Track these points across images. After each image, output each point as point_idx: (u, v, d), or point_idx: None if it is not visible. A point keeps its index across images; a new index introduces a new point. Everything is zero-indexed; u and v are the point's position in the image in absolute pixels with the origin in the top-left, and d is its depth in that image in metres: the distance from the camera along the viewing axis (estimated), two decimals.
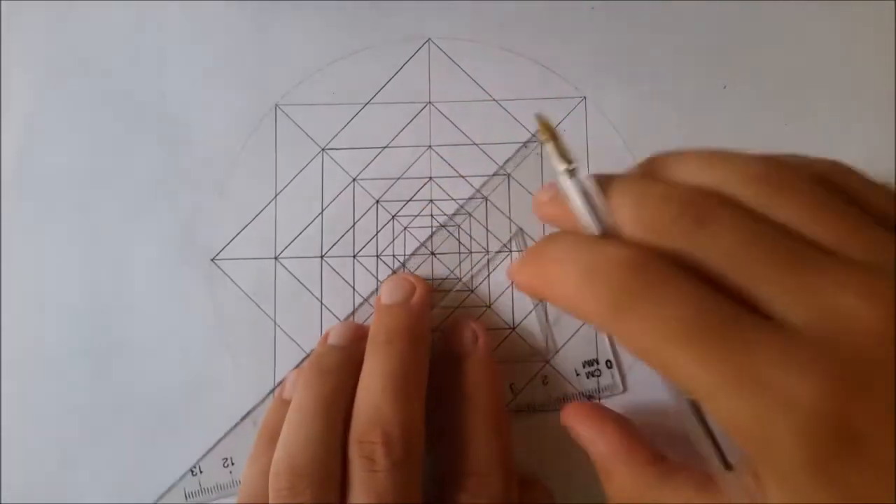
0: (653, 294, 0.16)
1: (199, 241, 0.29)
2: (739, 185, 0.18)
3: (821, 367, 0.15)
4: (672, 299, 0.16)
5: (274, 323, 0.29)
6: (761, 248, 0.17)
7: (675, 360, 0.16)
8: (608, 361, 0.28)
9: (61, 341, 0.29)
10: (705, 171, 0.19)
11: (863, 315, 0.15)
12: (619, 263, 0.17)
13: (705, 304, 0.16)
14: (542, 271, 0.19)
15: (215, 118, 0.30)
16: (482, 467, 0.25)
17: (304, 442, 0.24)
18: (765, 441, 0.15)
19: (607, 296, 0.17)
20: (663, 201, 0.18)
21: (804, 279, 0.16)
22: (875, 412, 0.15)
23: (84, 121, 0.30)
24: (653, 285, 0.17)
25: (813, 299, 0.16)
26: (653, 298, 0.16)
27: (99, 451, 0.28)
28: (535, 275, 0.20)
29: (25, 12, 0.30)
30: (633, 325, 0.17)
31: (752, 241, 0.17)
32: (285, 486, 0.23)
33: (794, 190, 0.18)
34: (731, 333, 0.16)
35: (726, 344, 0.16)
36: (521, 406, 0.28)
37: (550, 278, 0.19)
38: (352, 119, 0.30)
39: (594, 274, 0.17)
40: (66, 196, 0.30)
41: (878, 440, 0.15)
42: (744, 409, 0.15)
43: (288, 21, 0.30)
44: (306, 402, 0.25)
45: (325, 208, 0.29)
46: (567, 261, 0.18)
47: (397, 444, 0.23)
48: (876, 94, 0.29)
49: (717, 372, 0.15)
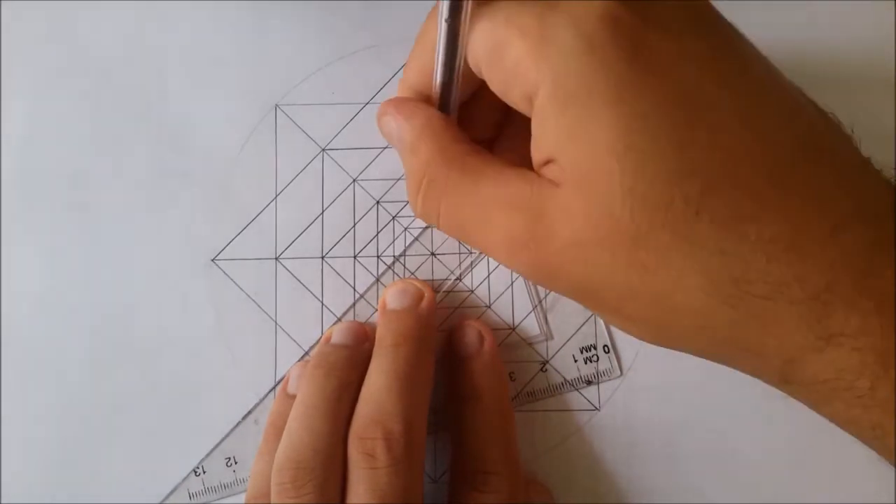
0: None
1: (199, 241, 0.29)
2: None
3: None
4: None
5: (275, 323, 0.29)
6: None
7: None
8: (605, 346, 0.29)
9: (61, 341, 0.29)
10: None
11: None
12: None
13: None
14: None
15: (215, 118, 0.30)
16: (491, 466, 0.25)
17: (308, 437, 0.24)
18: (545, 40, 0.17)
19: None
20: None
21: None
22: (653, 19, 0.17)
23: (84, 121, 0.30)
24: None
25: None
26: None
27: (99, 451, 0.28)
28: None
29: (25, 12, 0.30)
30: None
31: None
32: (288, 480, 0.23)
33: None
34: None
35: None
36: (521, 394, 0.28)
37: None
38: (352, 119, 0.30)
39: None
40: (67, 196, 0.29)
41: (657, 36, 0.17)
42: (529, 14, 0.17)
43: (288, 21, 0.30)
44: (310, 398, 0.25)
45: (325, 209, 0.29)
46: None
47: (399, 442, 0.23)
48: (876, 93, 0.29)
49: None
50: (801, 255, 0.16)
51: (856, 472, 0.27)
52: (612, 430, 0.28)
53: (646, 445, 0.28)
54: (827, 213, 0.16)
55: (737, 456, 0.28)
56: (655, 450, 0.28)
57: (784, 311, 0.16)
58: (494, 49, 0.18)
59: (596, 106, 0.17)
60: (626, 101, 0.17)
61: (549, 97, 0.17)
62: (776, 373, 0.18)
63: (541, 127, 0.18)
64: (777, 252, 0.16)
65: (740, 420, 0.28)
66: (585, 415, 0.28)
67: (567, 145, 0.17)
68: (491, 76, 0.19)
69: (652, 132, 0.16)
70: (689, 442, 0.28)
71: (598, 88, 0.17)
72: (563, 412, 0.29)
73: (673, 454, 0.28)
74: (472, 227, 0.20)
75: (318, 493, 0.23)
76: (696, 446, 0.28)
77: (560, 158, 0.17)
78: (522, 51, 0.18)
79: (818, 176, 0.17)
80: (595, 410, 0.28)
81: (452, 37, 0.19)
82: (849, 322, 0.16)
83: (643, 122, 0.16)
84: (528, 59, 0.17)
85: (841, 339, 0.16)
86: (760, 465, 0.28)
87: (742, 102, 0.17)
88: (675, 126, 0.16)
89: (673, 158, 0.16)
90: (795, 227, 0.16)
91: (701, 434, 0.28)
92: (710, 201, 0.16)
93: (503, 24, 0.18)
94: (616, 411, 0.28)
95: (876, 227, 0.16)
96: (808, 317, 0.16)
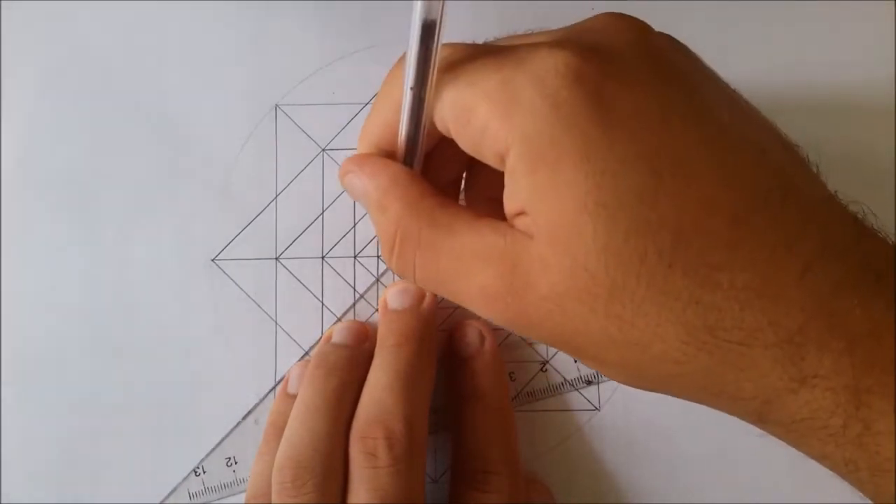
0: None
1: (199, 242, 0.29)
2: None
3: (565, 48, 0.18)
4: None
5: (275, 323, 0.29)
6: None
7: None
8: None
9: (61, 341, 0.29)
10: None
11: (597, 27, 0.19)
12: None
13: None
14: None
15: (215, 118, 0.30)
16: (492, 465, 0.25)
17: (308, 437, 0.24)
18: (510, 102, 0.17)
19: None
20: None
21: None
22: (613, 72, 0.17)
23: (84, 121, 0.30)
24: None
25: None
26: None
27: (100, 451, 0.28)
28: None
29: (25, 12, 0.30)
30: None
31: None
32: (288, 479, 0.23)
33: None
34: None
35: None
36: (521, 394, 0.28)
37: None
38: (352, 119, 0.30)
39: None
40: (66, 196, 0.29)
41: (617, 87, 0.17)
42: (493, 78, 0.18)
43: (288, 21, 0.30)
44: (311, 397, 0.25)
45: (325, 209, 0.29)
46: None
47: (400, 441, 0.23)
48: (876, 94, 0.29)
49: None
50: (773, 300, 0.16)
51: None
52: (612, 430, 0.28)
53: (646, 445, 0.28)
54: (796, 256, 0.16)
55: (737, 456, 0.28)
56: (655, 450, 0.28)
57: (759, 356, 0.16)
58: (461, 113, 0.19)
59: (564, 165, 0.17)
60: (593, 159, 0.17)
61: (519, 157, 0.17)
62: (753, 413, 0.18)
63: (513, 183, 0.18)
64: (749, 299, 0.16)
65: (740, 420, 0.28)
66: (585, 415, 0.28)
67: (539, 203, 0.17)
68: (460, 137, 0.19)
69: (620, 188, 0.17)
70: (688, 442, 0.28)
71: (565, 147, 0.17)
72: (563, 412, 0.29)
73: (673, 454, 0.28)
74: (447, 280, 0.20)
75: (318, 493, 0.23)
76: (696, 446, 0.28)
77: (533, 214, 0.18)
78: (489, 114, 0.18)
79: (785, 217, 0.17)
80: (595, 410, 0.28)
81: (418, 103, 0.19)
82: (822, 363, 0.16)
83: (611, 179, 0.17)
84: (496, 122, 0.18)
85: (815, 381, 0.16)
86: (760, 465, 0.28)
87: (708, 149, 0.17)
88: (643, 179, 0.17)
89: (642, 212, 0.16)
90: (765, 274, 0.16)
91: (701, 434, 0.28)
92: (681, 252, 0.16)
93: (468, 89, 0.18)
94: (616, 411, 0.28)
95: (842, 265, 0.17)
96: (783, 359, 0.16)
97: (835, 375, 0.16)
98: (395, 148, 0.21)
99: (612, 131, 0.17)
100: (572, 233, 0.17)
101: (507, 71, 0.18)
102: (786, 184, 0.17)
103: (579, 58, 0.17)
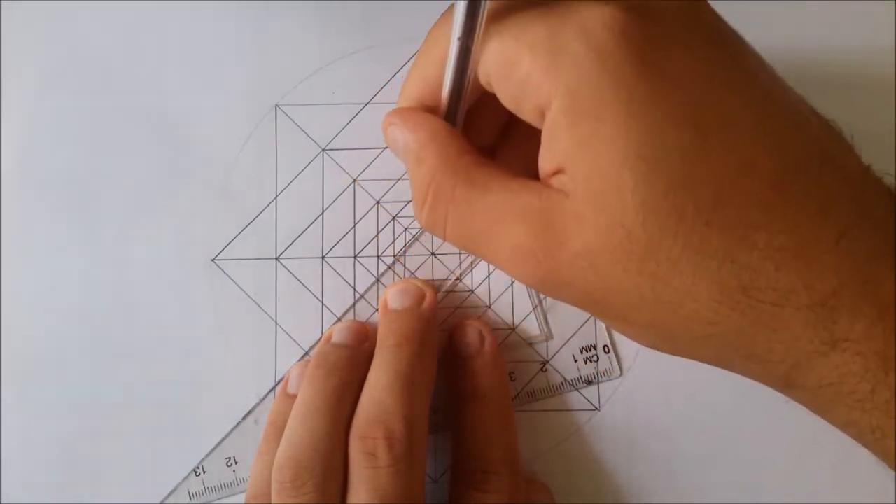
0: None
1: (199, 242, 0.29)
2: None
3: (613, 2, 0.17)
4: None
5: (275, 323, 0.29)
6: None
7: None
8: (605, 346, 0.29)
9: (61, 341, 0.29)
10: None
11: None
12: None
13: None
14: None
15: (215, 118, 0.30)
16: (492, 465, 0.25)
17: (308, 437, 0.24)
18: (555, 54, 0.17)
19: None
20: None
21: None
22: (661, 31, 0.17)
23: (84, 121, 0.30)
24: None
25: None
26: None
27: (100, 451, 0.28)
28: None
29: (25, 12, 0.30)
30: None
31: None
32: (288, 479, 0.23)
33: None
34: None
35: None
36: (521, 394, 0.28)
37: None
38: (352, 119, 0.30)
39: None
40: (66, 196, 0.29)
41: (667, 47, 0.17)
42: (539, 29, 0.18)
43: (288, 21, 0.30)
44: (310, 397, 0.25)
45: (325, 209, 0.29)
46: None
47: (400, 441, 0.23)
48: (876, 94, 0.29)
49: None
50: (808, 262, 0.16)
51: (856, 472, 0.27)
52: (612, 430, 0.28)
53: (646, 445, 0.28)
54: (832, 222, 0.17)
55: (737, 456, 0.28)
56: (655, 450, 0.28)
57: (791, 317, 0.17)
58: (505, 65, 0.18)
59: (609, 118, 0.17)
60: (638, 114, 0.17)
61: (561, 110, 0.17)
62: (780, 378, 0.18)
63: (553, 138, 0.18)
64: (785, 259, 0.16)
65: (740, 420, 0.28)
66: (585, 415, 0.28)
67: (579, 157, 0.17)
68: (501, 90, 0.19)
69: (664, 144, 0.17)
70: (689, 442, 0.28)
71: (610, 101, 0.17)
72: (563, 412, 0.29)
73: (673, 454, 0.28)
74: (479, 239, 0.20)
75: (317, 493, 0.23)
76: (696, 446, 0.28)
77: (572, 169, 0.18)
78: (533, 66, 0.18)
79: (824, 184, 0.17)
80: (595, 410, 0.28)
81: (464, 55, 0.19)
82: (853, 328, 0.16)
83: (655, 134, 0.17)
84: (539, 74, 0.18)
85: (845, 345, 0.16)
86: (760, 465, 0.28)
87: (751, 112, 0.17)
88: (687, 137, 0.17)
89: (685, 169, 0.16)
90: (802, 236, 0.16)
91: (701, 434, 0.28)
92: (720, 211, 0.16)
93: (513, 40, 0.18)
94: (616, 411, 0.28)
95: (877, 234, 0.17)
96: (815, 322, 0.16)
97: (866, 340, 0.16)
98: (436, 104, 0.21)
99: (658, 88, 0.17)
100: (611, 188, 0.17)
101: (553, 22, 0.18)
102: (824, 152, 0.18)
103: (627, 13, 0.17)
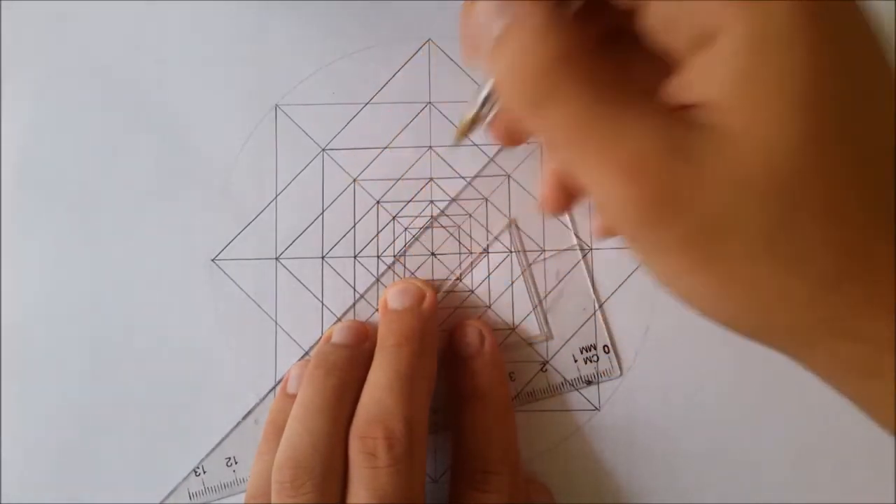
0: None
1: (199, 242, 0.29)
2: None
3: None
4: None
5: (275, 323, 0.29)
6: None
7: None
8: (605, 346, 0.29)
9: (61, 341, 0.29)
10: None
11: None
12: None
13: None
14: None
15: (215, 118, 0.30)
16: (492, 465, 0.25)
17: (307, 437, 0.24)
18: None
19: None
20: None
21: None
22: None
23: (84, 121, 0.30)
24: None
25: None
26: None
27: (100, 451, 0.28)
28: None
29: (25, 12, 0.30)
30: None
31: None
32: (287, 479, 0.23)
33: None
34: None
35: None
36: (521, 394, 0.28)
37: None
38: (352, 119, 0.30)
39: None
40: (67, 196, 0.29)
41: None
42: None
43: (288, 21, 0.30)
44: (310, 397, 0.25)
45: (325, 209, 0.29)
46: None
47: (400, 441, 0.23)
48: None
49: None
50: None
51: (856, 472, 0.27)
52: (612, 430, 0.28)
53: (646, 445, 0.28)
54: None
55: (737, 456, 0.28)
56: (655, 450, 0.28)
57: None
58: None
59: (797, 55, 0.15)
60: (825, 54, 0.16)
61: (740, 37, 0.16)
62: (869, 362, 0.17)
63: (709, 69, 0.16)
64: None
65: (740, 420, 0.28)
66: (585, 415, 0.28)
67: (747, 89, 0.16)
68: (653, 8, 0.17)
69: (838, 93, 0.16)
70: (688, 442, 0.28)
71: (799, 38, 0.15)
72: (563, 412, 0.29)
73: (673, 454, 0.28)
74: (592, 130, 0.16)
75: (317, 493, 0.23)
76: (696, 446, 0.28)
77: (728, 102, 0.16)
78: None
79: None
80: (595, 410, 0.28)
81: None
82: None
83: (839, 80, 0.16)
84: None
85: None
86: (760, 465, 0.28)
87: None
88: (861, 91, 0.16)
89: (855, 122, 0.16)
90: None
91: (701, 434, 0.28)
92: (871, 175, 0.16)
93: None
94: (616, 411, 0.28)
95: None
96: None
97: None
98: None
99: (847, 36, 0.16)
100: (773, 126, 0.15)
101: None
102: None
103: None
